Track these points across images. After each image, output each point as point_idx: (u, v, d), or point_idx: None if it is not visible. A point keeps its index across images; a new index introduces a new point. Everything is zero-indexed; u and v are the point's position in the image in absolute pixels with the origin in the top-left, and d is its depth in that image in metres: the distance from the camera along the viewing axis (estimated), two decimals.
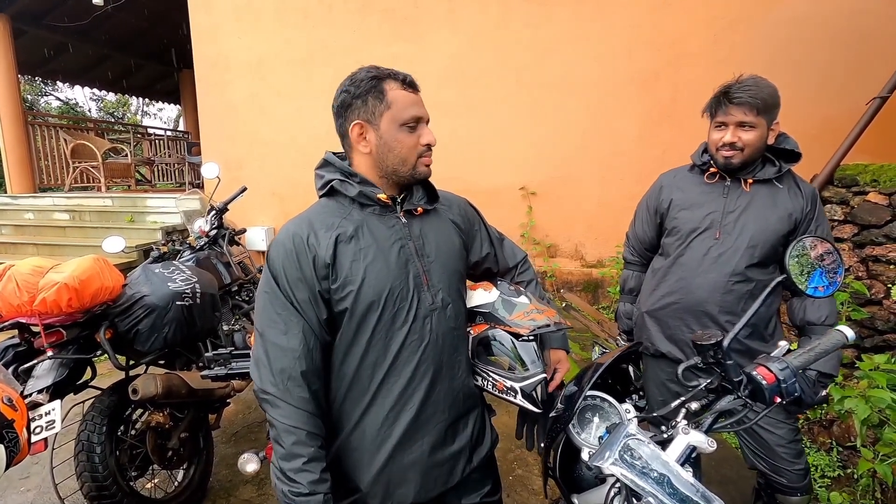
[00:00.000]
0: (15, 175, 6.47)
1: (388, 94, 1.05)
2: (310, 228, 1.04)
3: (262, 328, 1.03)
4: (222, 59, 5.47)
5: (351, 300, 1.01)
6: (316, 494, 0.96)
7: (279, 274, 1.03)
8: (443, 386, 1.08)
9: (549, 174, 4.92)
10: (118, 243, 2.68)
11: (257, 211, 5.47)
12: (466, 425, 1.13)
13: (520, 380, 1.06)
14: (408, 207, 1.10)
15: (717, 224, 1.53)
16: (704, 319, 1.53)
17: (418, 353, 1.05)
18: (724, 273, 1.51)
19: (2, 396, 1.21)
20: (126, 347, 2.06)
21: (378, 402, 1.05)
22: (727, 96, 1.46)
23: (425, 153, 1.08)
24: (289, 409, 0.98)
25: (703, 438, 0.83)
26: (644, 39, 4.51)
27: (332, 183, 1.08)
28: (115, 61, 9.07)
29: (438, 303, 1.07)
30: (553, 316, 1.13)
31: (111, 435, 1.92)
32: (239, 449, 2.70)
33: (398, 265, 1.04)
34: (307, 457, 0.96)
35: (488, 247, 1.27)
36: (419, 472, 1.07)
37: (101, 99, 15.44)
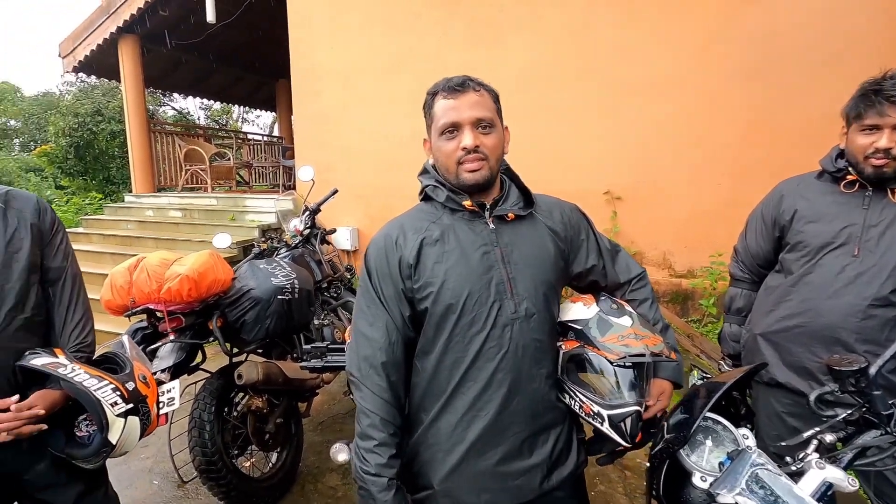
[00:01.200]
0: (139, 177, 7.32)
1: (434, 107, 1.08)
2: (400, 230, 1.10)
3: (354, 317, 1.13)
4: (316, 69, 5.82)
5: (431, 301, 1.05)
6: (381, 477, 1.00)
7: (372, 270, 1.10)
8: (521, 397, 1.06)
9: (636, 178, 4.70)
10: (226, 240, 2.93)
11: (342, 212, 5.74)
12: (547, 441, 1.10)
13: (609, 407, 1.01)
14: (498, 213, 1.09)
15: (856, 239, 1.35)
16: (836, 348, 1.34)
17: (495, 360, 1.04)
18: (863, 296, 1.32)
19: (138, 374, 1.37)
20: (232, 336, 2.25)
21: (454, 403, 1.06)
22: (882, 94, 1.26)
23: (464, 158, 1.04)
24: (367, 394, 1.05)
25: (841, 475, 0.74)
26: (743, 34, 4.18)
27: (427, 189, 1.13)
28: (222, 74, 9.95)
29: (522, 312, 1.05)
30: (655, 344, 1.04)
31: (219, 414, 2.11)
32: (325, 438, 2.85)
33: (480, 271, 1.05)
34: (378, 440, 1.02)
35: (595, 258, 1.21)
36: (490, 482, 1.07)
37: (209, 108, 17.07)
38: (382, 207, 5.69)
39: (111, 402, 1.24)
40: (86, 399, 1.21)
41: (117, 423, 1.25)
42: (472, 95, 1.04)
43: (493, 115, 1.07)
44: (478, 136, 1.04)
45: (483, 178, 1.05)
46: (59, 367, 1.21)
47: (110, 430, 1.24)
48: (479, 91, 1.06)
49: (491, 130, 1.06)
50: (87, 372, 1.24)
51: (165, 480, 2.49)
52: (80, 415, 1.32)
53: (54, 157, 11.18)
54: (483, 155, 1.04)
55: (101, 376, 1.26)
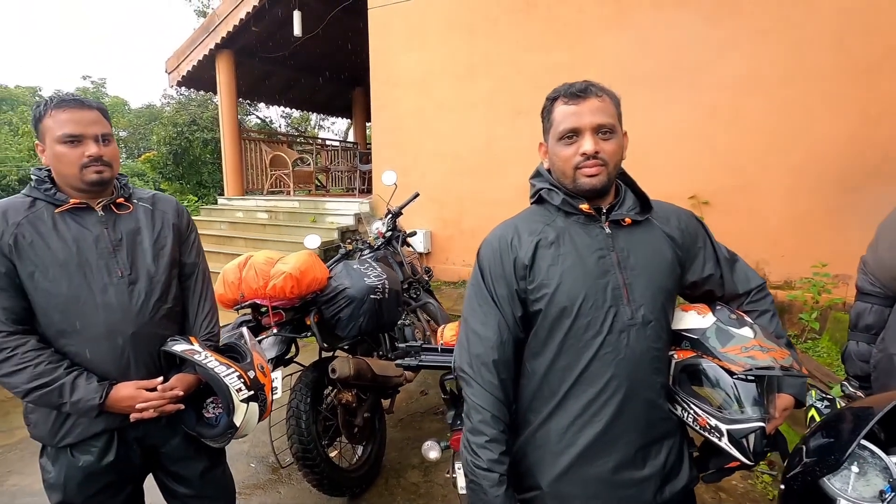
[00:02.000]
0: (230, 181, 7.92)
1: (554, 112, 1.08)
2: (515, 231, 1.11)
3: (466, 315, 1.14)
4: (393, 76, 6.01)
5: (545, 302, 1.05)
6: (493, 472, 1.02)
7: (485, 270, 1.12)
8: (637, 406, 1.04)
9: (725, 182, 4.42)
10: (316, 240, 3.10)
11: (417, 215, 5.87)
12: (660, 452, 1.07)
13: (729, 422, 0.96)
14: (614, 217, 1.08)
15: None
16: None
17: (611, 366, 1.02)
18: None
19: (257, 364, 1.48)
20: (326, 332, 2.37)
21: (566, 406, 1.06)
22: None
23: (583, 164, 1.04)
24: (479, 390, 1.06)
25: None
26: (856, 26, 3.81)
27: (541, 191, 1.13)
28: (304, 84, 10.54)
29: (639, 318, 1.03)
30: (783, 358, 0.98)
31: (313, 406, 2.23)
32: (405, 434, 2.92)
33: (595, 274, 1.04)
34: (489, 436, 1.04)
35: (712, 267, 1.17)
36: (601, 489, 1.05)
37: (289, 116, 18.13)
38: (455, 211, 5.77)
39: (237, 388, 1.36)
40: (217, 384, 1.33)
41: (241, 408, 1.37)
42: (594, 101, 1.04)
43: (613, 121, 1.06)
44: (598, 141, 1.03)
45: (601, 183, 1.05)
46: (195, 353, 1.34)
47: (235, 414, 1.36)
48: (601, 97, 1.05)
49: (611, 136, 1.05)
50: (217, 359, 1.36)
51: (261, 464, 2.67)
52: (208, 398, 1.46)
53: (156, 164, 12.38)
54: (602, 161, 1.04)
55: (228, 364, 1.38)
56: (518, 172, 1.11)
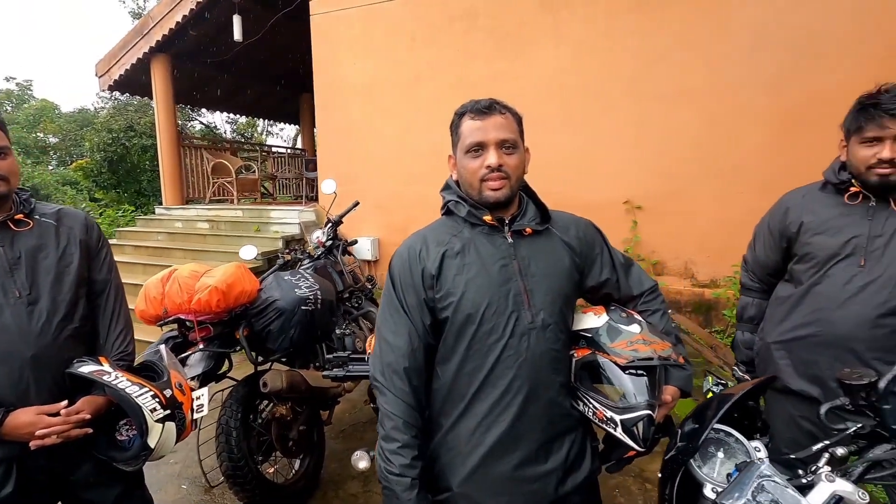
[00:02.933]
0: (169, 189, 7.59)
1: (461, 127, 1.14)
2: (423, 242, 1.16)
3: (379, 325, 1.18)
4: (338, 83, 5.97)
5: (451, 310, 1.10)
6: (405, 477, 1.05)
7: (396, 280, 1.16)
8: (538, 404, 1.10)
9: (657, 188, 4.67)
10: (252, 251, 3.03)
11: (364, 223, 5.84)
12: (562, 447, 1.14)
13: (621, 412, 1.03)
14: (516, 228, 1.15)
15: (862, 250, 1.38)
16: (848, 357, 1.35)
17: (513, 368, 1.09)
18: (871, 306, 1.35)
19: (175, 382, 1.44)
20: (258, 345, 2.33)
21: (473, 409, 1.11)
22: (880, 108, 1.31)
23: (488, 176, 1.10)
24: (391, 398, 1.10)
25: (851, 488, 0.75)
26: (770, 41, 4.13)
27: (449, 203, 1.19)
28: (249, 89, 10.26)
29: (538, 322, 1.10)
30: (663, 349, 1.07)
31: (245, 421, 2.18)
32: (347, 445, 2.90)
33: (499, 282, 1.10)
34: (401, 442, 1.07)
35: (609, 272, 1.25)
36: (506, 486, 1.11)
37: (235, 121, 17.58)
38: (404, 218, 5.77)
39: (151, 408, 1.32)
40: (128, 405, 1.29)
41: (156, 428, 1.33)
42: (498, 118, 1.11)
43: (516, 137, 1.13)
44: (501, 155, 1.10)
45: (504, 196, 1.11)
46: (104, 374, 1.29)
47: (149, 435, 1.32)
48: (504, 114, 1.12)
49: (514, 151, 1.12)
50: (129, 379, 1.32)
51: (193, 485, 2.57)
52: (121, 420, 1.41)
53: (89, 171, 11.69)
54: (505, 174, 1.10)
55: (141, 383, 1.34)
56: None
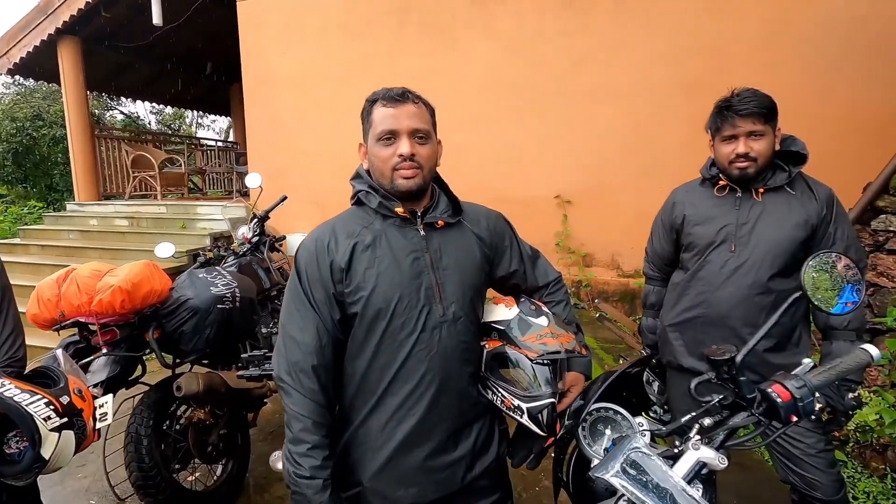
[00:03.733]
0: (82, 184, 7.00)
1: (373, 114, 1.11)
2: (332, 234, 1.12)
3: (283, 321, 1.13)
4: (269, 74, 5.75)
5: (361, 305, 1.08)
6: (315, 479, 1.02)
7: (302, 273, 1.11)
8: (449, 396, 1.11)
9: (586, 183, 4.86)
10: (168, 249, 2.86)
11: (297, 218, 5.67)
12: (470, 434, 1.15)
13: (528, 400, 1.07)
14: (428, 220, 1.13)
15: (732, 237, 1.53)
16: (727, 333, 1.50)
17: (425, 362, 1.09)
18: (742, 286, 1.50)
19: (74, 388, 1.33)
20: (172, 347, 2.20)
21: (384, 403, 1.10)
22: (732, 109, 1.47)
23: (400, 165, 1.08)
24: (298, 398, 1.05)
25: (712, 454, 0.82)
26: (686, 46, 4.41)
27: (359, 194, 1.16)
28: (173, 77, 9.66)
29: (450, 315, 1.10)
30: (568, 342, 1.12)
31: (157, 429, 2.06)
32: (275, 447, 2.80)
33: (410, 276, 1.09)
34: (311, 443, 1.03)
35: (517, 264, 1.27)
36: (418, 476, 1.11)
37: (160, 112, 16.48)
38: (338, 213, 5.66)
39: (44, 416, 1.20)
40: (16, 414, 1.17)
41: (51, 438, 1.21)
42: (411, 107, 1.09)
43: (429, 128, 1.12)
44: (414, 145, 1.08)
45: (416, 185, 1.09)
46: None
47: (43, 445, 1.20)
48: (417, 104, 1.11)
49: (426, 141, 1.10)
50: (17, 387, 1.20)
51: (103, 499, 2.40)
52: (10, 431, 1.27)
53: None
54: (418, 164, 1.08)
55: (33, 390, 1.22)
56: None
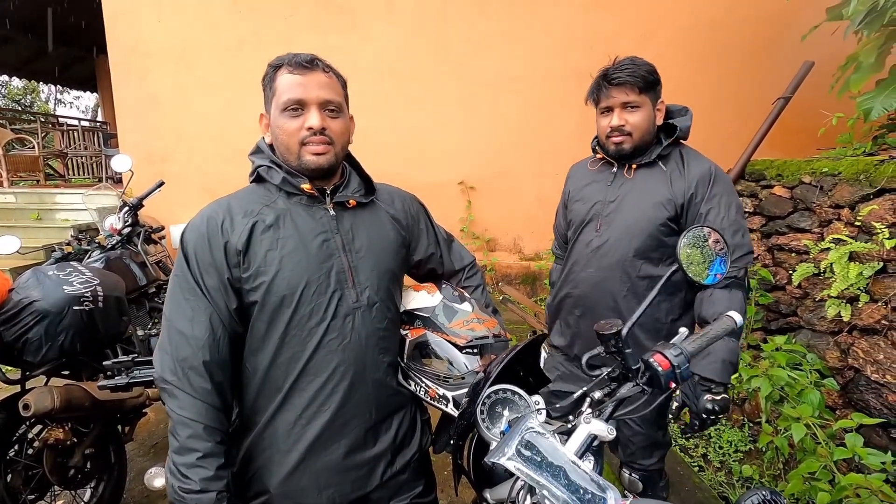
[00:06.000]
0: None
1: (277, 80, 1.01)
2: (227, 213, 1.00)
3: (168, 313, 0.99)
4: (141, 45, 5.09)
5: (262, 291, 0.97)
6: (208, 492, 0.90)
7: (190, 257, 0.98)
8: (364, 388, 1.04)
9: (487, 169, 4.96)
10: (12, 243, 2.41)
11: (186, 207, 5.11)
12: (390, 428, 1.10)
13: (453, 388, 1.03)
14: (339, 199, 1.05)
15: (599, 216, 1.47)
16: (589, 315, 1.51)
17: (338, 352, 1.00)
18: (602, 267, 1.46)
19: None
20: (16, 358, 1.86)
21: (291, 401, 1.01)
22: (607, 79, 1.39)
23: (309, 139, 0.98)
24: (187, 400, 0.93)
25: (603, 427, 0.84)
26: (578, 38, 4.64)
27: (259, 169, 1.04)
28: (21, 44, 8.23)
29: (364, 301, 1.03)
30: (493, 327, 1.11)
31: (1, 456, 1.73)
32: (158, 461, 2.53)
33: (319, 259, 0.99)
34: (202, 452, 0.92)
35: (433, 247, 1.23)
36: (334, 476, 1.03)
37: (5, 85, 14.00)
38: None
39: None
40: None
41: None
42: (321, 76, 0.99)
43: (341, 100, 1.02)
44: (325, 118, 0.98)
45: (328, 162, 1.00)
46: None
47: None
48: (328, 73, 1.01)
49: (339, 115, 1.01)
50: None
51: None
52: None
53: None
54: (329, 139, 0.99)
55: None
56: None
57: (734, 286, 1.34)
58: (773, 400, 2.07)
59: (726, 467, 2.44)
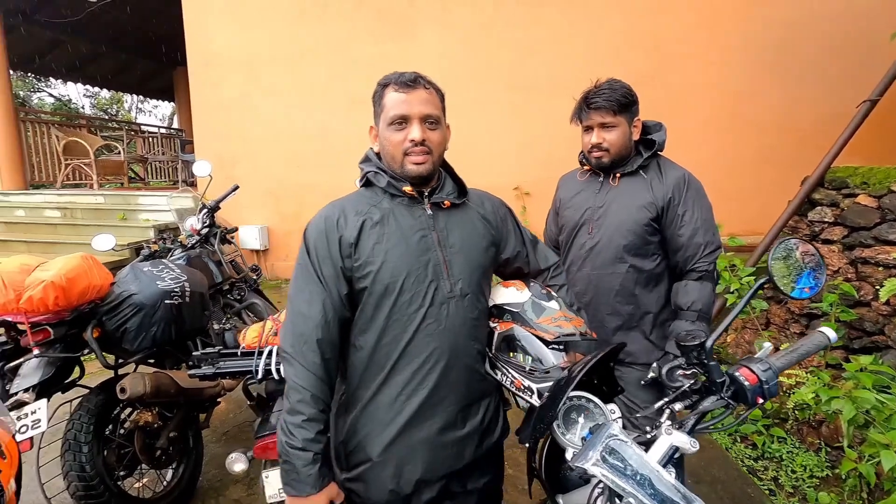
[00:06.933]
0: (6, 171, 6.41)
1: (385, 98, 1.13)
2: (341, 212, 1.14)
3: (291, 295, 1.14)
4: (214, 56, 5.44)
5: (370, 280, 1.09)
6: (307, 451, 1.03)
7: (311, 249, 1.12)
8: (457, 371, 1.13)
9: (541, 174, 4.88)
10: (108, 241, 2.65)
11: (251, 209, 5.45)
12: (478, 411, 1.18)
13: (538, 381, 1.08)
14: (435, 200, 1.15)
15: (591, 220, 1.63)
16: (586, 310, 1.57)
17: (434, 336, 1.10)
18: (595, 265, 1.61)
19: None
20: (114, 346, 2.05)
21: (393, 379, 1.11)
22: (586, 103, 1.56)
23: (411, 150, 1.09)
24: (300, 370, 1.06)
25: (685, 439, 0.83)
26: (637, 40, 4.53)
27: (368, 174, 1.17)
28: (109, 58, 9.01)
29: (457, 292, 1.12)
30: (580, 325, 1.16)
31: (99, 434, 1.91)
32: (229, 448, 2.68)
33: (418, 252, 1.11)
34: (307, 415, 1.04)
35: (520, 246, 1.31)
36: (427, 451, 1.12)
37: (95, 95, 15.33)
38: (293, 205, 5.47)
39: None
40: None
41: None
42: (423, 92, 1.11)
43: (439, 113, 1.13)
44: (425, 130, 1.10)
45: (426, 170, 1.11)
46: None
47: None
48: (428, 89, 1.12)
49: (437, 127, 1.12)
50: None
51: None
52: None
53: None
54: (428, 149, 1.10)
55: None
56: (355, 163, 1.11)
57: (705, 278, 1.52)
58: (857, 424, 1.93)
59: (800, 493, 2.30)
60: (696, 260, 1.51)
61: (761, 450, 2.57)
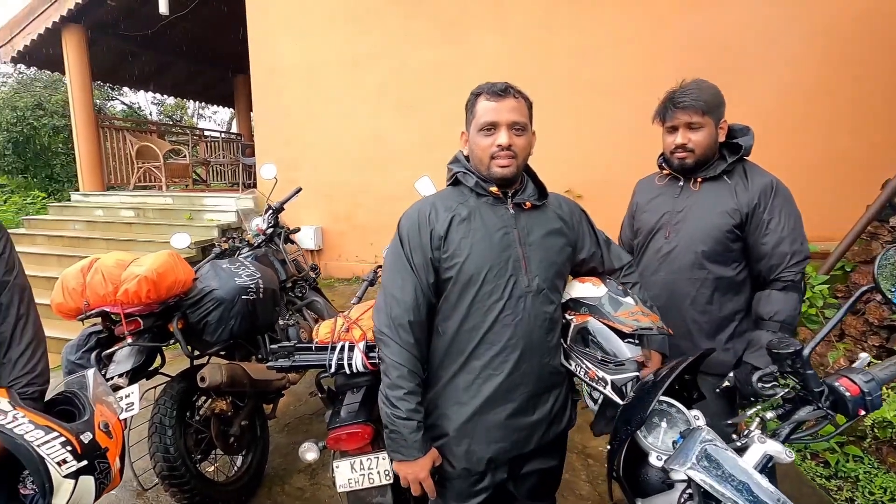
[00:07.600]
0: (87, 174, 6.96)
1: (477, 106, 1.21)
2: (433, 207, 1.24)
3: (385, 281, 1.26)
4: (276, 65, 5.69)
5: (456, 270, 1.19)
6: (411, 420, 1.15)
7: (404, 239, 1.23)
8: (531, 361, 1.20)
9: (596, 177, 4.84)
10: (185, 239, 2.84)
11: (306, 210, 5.65)
12: (548, 400, 1.25)
13: (613, 372, 1.13)
14: (517, 200, 1.24)
15: (668, 224, 1.61)
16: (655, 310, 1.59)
17: (511, 327, 1.18)
18: (671, 270, 1.59)
19: (99, 421, 1.21)
20: (194, 338, 2.19)
21: (472, 362, 1.20)
22: (672, 102, 1.53)
23: (498, 154, 1.18)
24: (396, 349, 1.17)
25: (780, 448, 0.81)
26: (696, 40, 4.38)
27: (457, 174, 1.27)
28: (176, 67, 9.59)
29: (534, 287, 1.20)
30: (657, 321, 1.20)
31: (180, 419, 2.05)
32: (291, 439, 2.81)
33: (500, 248, 1.19)
34: (407, 389, 1.16)
35: (594, 247, 1.37)
36: (499, 432, 1.21)
37: (161, 102, 16.36)
38: (346, 206, 5.63)
39: (59, 459, 1.06)
40: (26, 456, 1.02)
41: (65, 486, 1.06)
42: (512, 101, 1.19)
43: (526, 121, 1.21)
44: (511, 136, 1.18)
45: (511, 173, 1.20)
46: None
47: (56, 495, 1.05)
48: (517, 98, 1.20)
49: (523, 133, 1.21)
50: (32, 421, 1.06)
51: (123, 490, 2.39)
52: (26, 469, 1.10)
53: None
54: (513, 153, 1.19)
55: (49, 426, 1.08)
56: (408, 167, 1.18)
57: (790, 289, 1.47)
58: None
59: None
60: (782, 269, 1.47)
61: (834, 468, 2.43)
